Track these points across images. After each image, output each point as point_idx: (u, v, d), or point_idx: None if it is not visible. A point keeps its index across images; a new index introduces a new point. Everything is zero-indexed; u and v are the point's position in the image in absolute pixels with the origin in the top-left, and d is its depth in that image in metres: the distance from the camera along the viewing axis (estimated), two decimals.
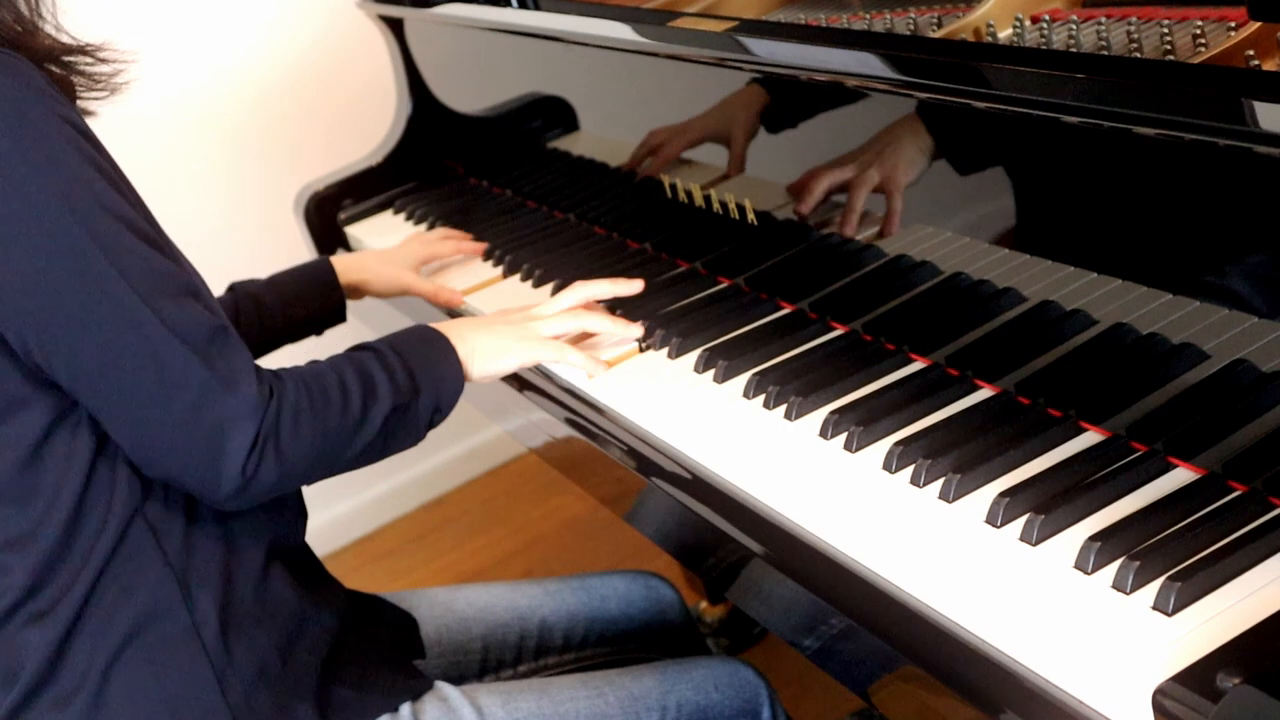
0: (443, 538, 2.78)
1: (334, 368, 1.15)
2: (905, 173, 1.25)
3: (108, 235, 1.02)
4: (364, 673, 1.20)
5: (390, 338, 1.23)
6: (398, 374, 1.17)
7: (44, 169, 1.01)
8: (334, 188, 2.06)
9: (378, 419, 1.15)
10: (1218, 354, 1.00)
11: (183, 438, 1.04)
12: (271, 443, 1.06)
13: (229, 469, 1.05)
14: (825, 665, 1.11)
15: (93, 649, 1.08)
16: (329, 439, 1.11)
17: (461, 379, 1.25)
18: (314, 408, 1.10)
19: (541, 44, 1.69)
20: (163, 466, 1.06)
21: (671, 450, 1.26)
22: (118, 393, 1.03)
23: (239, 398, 1.04)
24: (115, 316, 1.02)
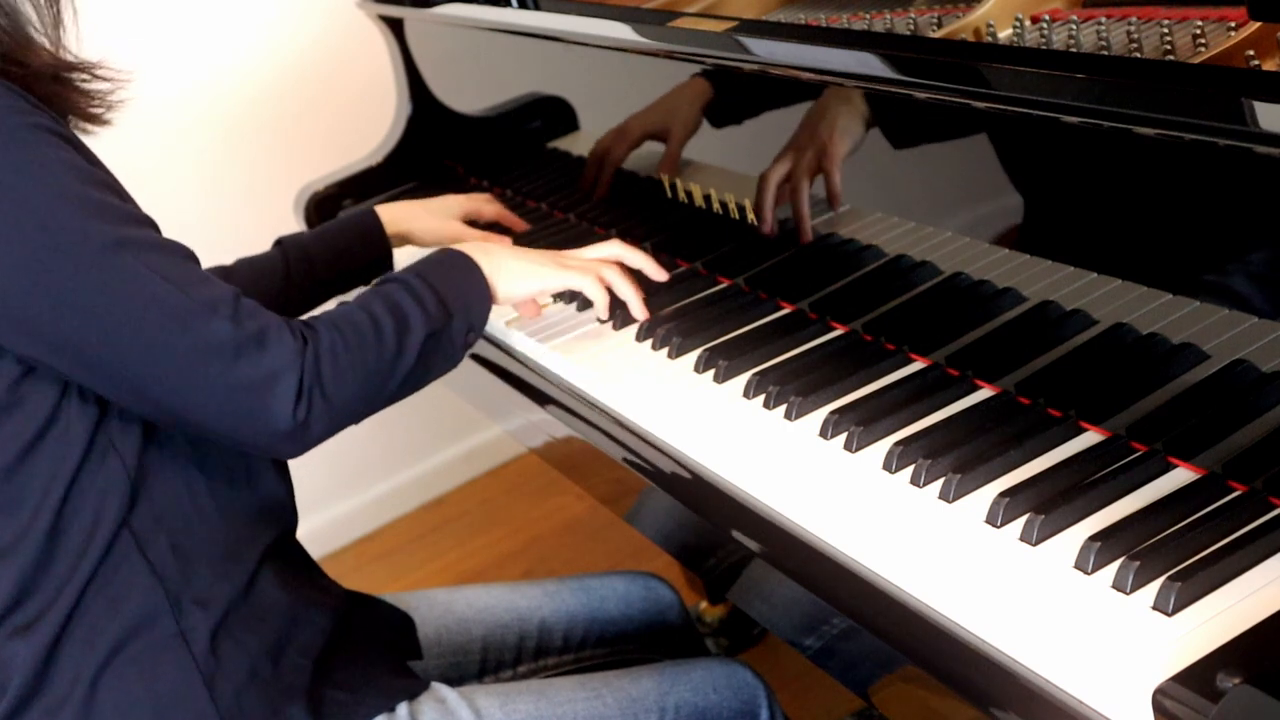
0: (443, 538, 2.78)
1: (362, 305, 1.17)
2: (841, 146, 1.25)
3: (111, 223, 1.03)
4: (358, 673, 1.19)
5: (415, 265, 1.25)
6: (426, 300, 1.19)
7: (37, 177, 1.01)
8: (334, 188, 2.06)
9: (413, 348, 1.17)
10: (1218, 354, 1.00)
11: (230, 393, 1.05)
12: (317, 388, 1.08)
13: (281, 416, 1.06)
14: (825, 665, 1.11)
15: (80, 659, 1.08)
16: (370, 374, 1.13)
17: (489, 297, 1.27)
18: (350, 347, 1.12)
19: (541, 44, 1.69)
20: (217, 431, 1.08)
21: (672, 450, 1.26)
22: (158, 370, 1.04)
23: (275, 352, 1.06)
24: (137, 296, 1.03)
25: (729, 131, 1.48)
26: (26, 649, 1.07)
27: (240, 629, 1.13)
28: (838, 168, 1.27)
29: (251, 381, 1.05)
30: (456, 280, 1.24)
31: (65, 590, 1.08)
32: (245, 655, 1.12)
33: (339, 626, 1.21)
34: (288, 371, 1.07)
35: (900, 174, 1.27)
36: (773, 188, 1.36)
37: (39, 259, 1.01)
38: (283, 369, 1.06)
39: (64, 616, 1.08)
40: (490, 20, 1.74)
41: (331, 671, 1.18)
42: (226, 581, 1.14)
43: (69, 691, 1.08)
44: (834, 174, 1.28)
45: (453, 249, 1.30)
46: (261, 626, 1.14)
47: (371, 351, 1.13)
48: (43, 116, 1.05)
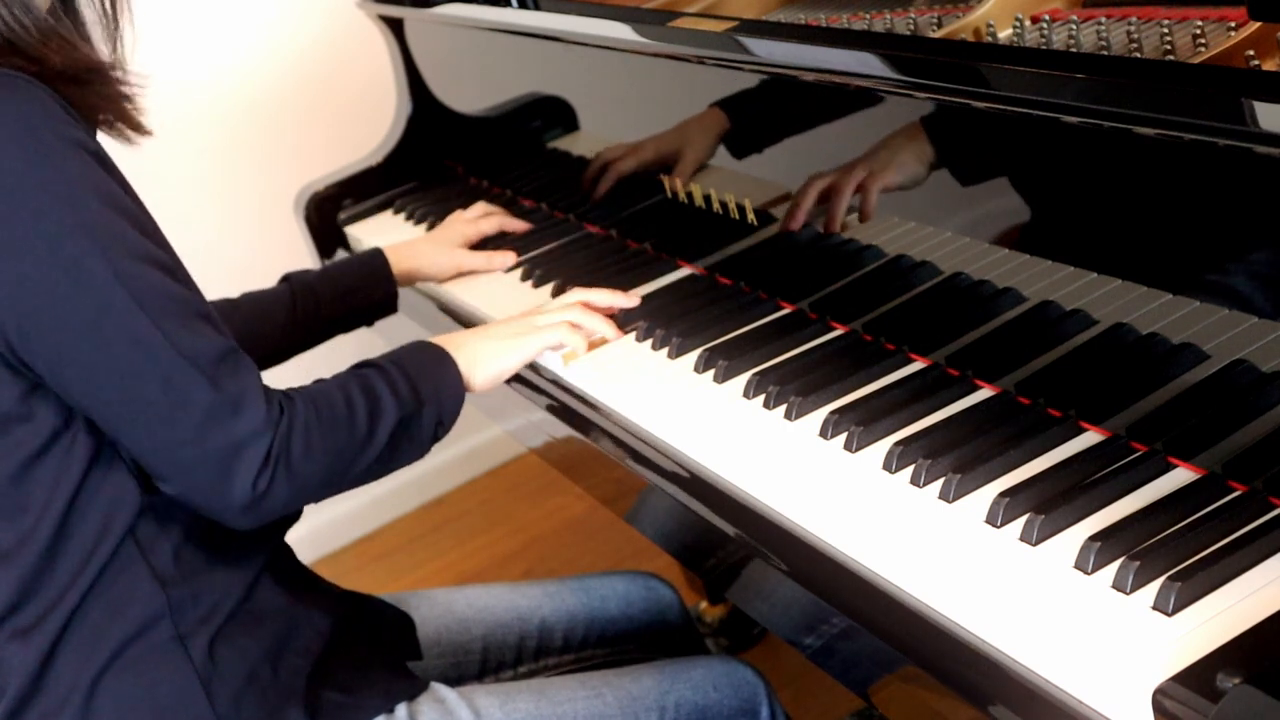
0: (443, 538, 2.78)
1: (339, 385, 1.16)
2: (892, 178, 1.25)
3: (120, 258, 1.02)
4: (357, 675, 1.19)
5: (390, 355, 1.25)
6: (401, 387, 1.18)
7: (56, 191, 1.01)
8: (334, 188, 2.06)
9: (384, 433, 1.15)
10: (1218, 354, 1.00)
11: (193, 458, 1.04)
12: (283, 461, 1.07)
13: (240, 488, 1.05)
14: (825, 665, 1.11)
15: (79, 665, 1.08)
16: (339, 455, 1.12)
17: (462, 389, 1.26)
18: (323, 425, 1.10)
19: (541, 44, 1.69)
20: (176, 485, 1.06)
21: (671, 450, 1.26)
22: (129, 413, 1.04)
23: (248, 418, 1.05)
24: (126, 339, 1.02)
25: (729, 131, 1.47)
26: (25, 652, 1.07)
27: (239, 633, 1.13)
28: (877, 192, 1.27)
29: (217, 451, 1.04)
30: (430, 371, 1.23)
31: (67, 595, 1.08)
32: (244, 659, 1.12)
33: (337, 628, 1.21)
34: (256, 440, 1.05)
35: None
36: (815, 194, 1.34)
37: (41, 284, 1.01)
38: (251, 438, 1.05)
39: (64, 621, 1.08)
40: (490, 20, 1.74)
41: (330, 673, 1.18)
42: (227, 587, 1.14)
43: (67, 695, 1.08)
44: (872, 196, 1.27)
45: (427, 342, 1.28)
46: (260, 630, 1.14)
47: (343, 431, 1.12)
48: (79, 131, 1.05)
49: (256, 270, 1.61)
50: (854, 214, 1.31)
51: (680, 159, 1.53)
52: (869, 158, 1.26)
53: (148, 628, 1.09)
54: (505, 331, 1.34)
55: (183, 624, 1.10)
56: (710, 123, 1.47)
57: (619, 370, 1.38)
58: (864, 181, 1.28)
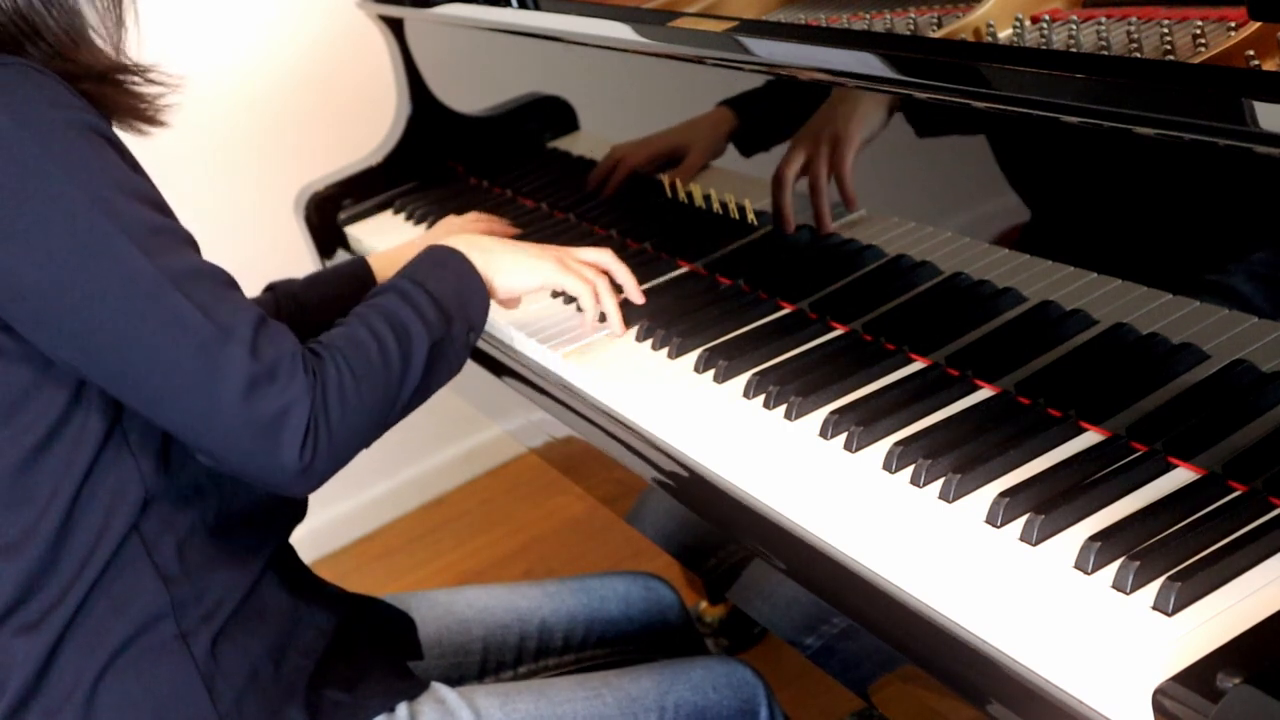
0: (443, 538, 2.78)
1: (365, 324, 1.13)
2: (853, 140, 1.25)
3: (143, 235, 1.02)
4: (357, 675, 1.19)
5: (407, 269, 1.22)
6: (425, 310, 1.16)
7: (75, 176, 1.00)
8: (334, 188, 2.06)
9: (419, 363, 1.14)
10: (1218, 354, 1.00)
11: (238, 431, 1.03)
12: (324, 425, 1.05)
13: (288, 457, 1.03)
14: (825, 665, 1.11)
15: (81, 661, 1.08)
16: (377, 403, 1.10)
17: (487, 294, 1.25)
18: (357, 378, 1.08)
19: (541, 44, 1.69)
20: (224, 461, 1.05)
21: (672, 450, 1.26)
22: (167, 390, 1.02)
23: (288, 385, 1.03)
24: (158, 313, 1.01)
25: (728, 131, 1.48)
26: (30, 647, 1.07)
27: (241, 631, 1.13)
28: (849, 170, 1.27)
29: (262, 418, 1.02)
30: (452, 282, 1.21)
31: (71, 590, 1.07)
32: (246, 657, 1.12)
33: (339, 628, 1.21)
34: (297, 408, 1.03)
35: (900, 174, 1.28)
36: (789, 186, 1.35)
37: (65, 263, 1.00)
38: (291, 405, 1.03)
39: (68, 617, 1.08)
40: (490, 20, 1.74)
41: (331, 672, 1.18)
42: (230, 585, 1.14)
43: (70, 692, 1.08)
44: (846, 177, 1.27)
45: (443, 245, 1.26)
46: (262, 629, 1.14)
47: (379, 377, 1.10)
48: (90, 115, 1.04)
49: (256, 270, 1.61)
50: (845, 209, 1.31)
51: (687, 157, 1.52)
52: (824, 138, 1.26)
53: (150, 625, 1.09)
54: (533, 250, 1.33)
55: (185, 621, 1.10)
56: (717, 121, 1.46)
57: (619, 370, 1.38)
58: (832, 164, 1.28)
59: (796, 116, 1.34)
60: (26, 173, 0.99)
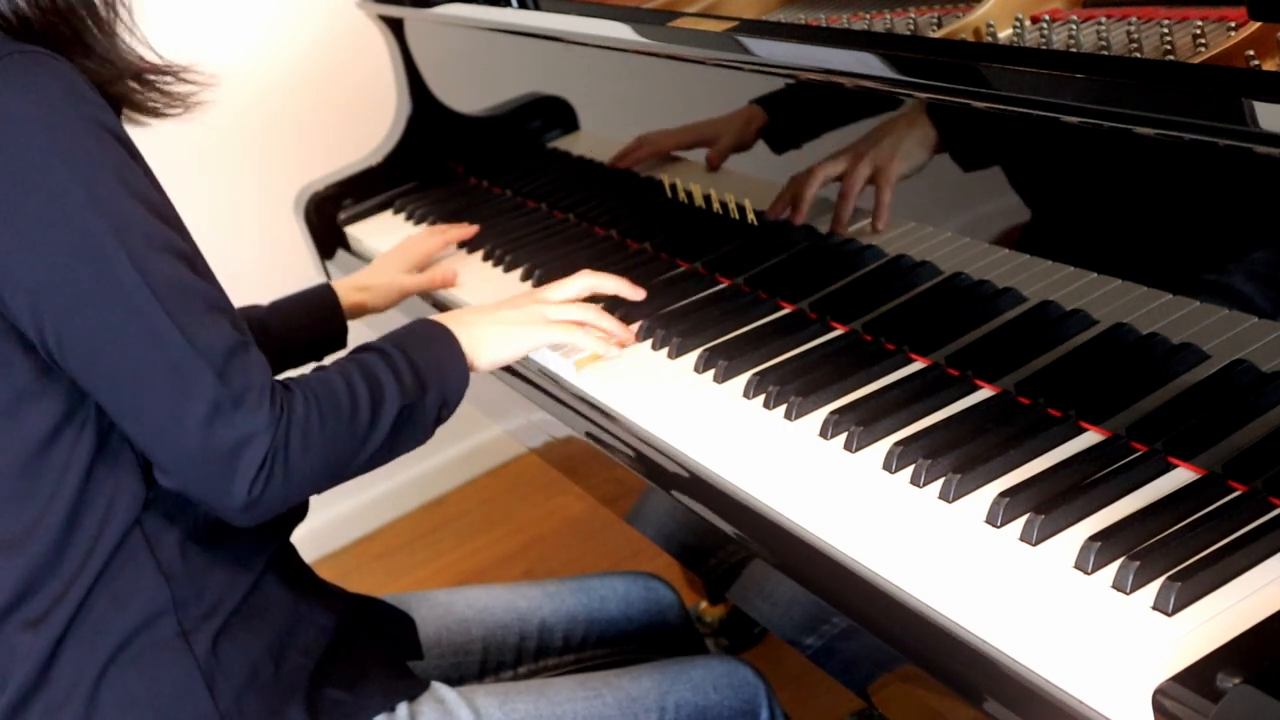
0: (443, 538, 2.78)
1: (341, 373, 1.13)
2: (898, 166, 1.25)
3: (137, 245, 1.02)
4: (358, 674, 1.19)
5: (393, 336, 1.23)
6: (404, 374, 1.16)
7: (79, 173, 1.00)
8: (334, 188, 2.06)
9: (386, 422, 1.14)
10: (1218, 354, 1.00)
11: (195, 453, 1.03)
12: (280, 461, 1.05)
13: (238, 487, 1.04)
14: (826, 665, 1.11)
15: (84, 657, 1.08)
16: (338, 450, 1.10)
17: (466, 372, 1.24)
18: (323, 421, 1.08)
19: (541, 44, 1.69)
20: (175, 478, 1.06)
21: (672, 450, 1.26)
22: (134, 400, 1.03)
23: (251, 416, 1.03)
24: (138, 326, 1.01)
25: None
26: (33, 643, 1.07)
27: (242, 630, 1.13)
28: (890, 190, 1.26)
29: (219, 447, 1.02)
30: (434, 354, 1.21)
31: (73, 587, 1.08)
32: (246, 656, 1.12)
33: (339, 627, 1.21)
34: (257, 440, 1.03)
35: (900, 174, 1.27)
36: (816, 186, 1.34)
37: (55, 262, 1.00)
38: (252, 436, 1.03)
39: (71, 612, 1.08)
40: (490, 20, 1.74)
41: (332, 672, 1.18)
42: (232, 583, 1.14)
43: (72, 689, 1.08)
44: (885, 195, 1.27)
45: (431, 321, 1.26)
46: (263, 627, 1.14)
47: (345, 425, 1.10)
48: (105, 114, 1.05)
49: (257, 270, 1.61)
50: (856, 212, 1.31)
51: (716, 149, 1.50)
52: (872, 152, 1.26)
53: (152, 622, 1.09)
54: (512, 317, 1.32)
55: (186, 619, 1.11)
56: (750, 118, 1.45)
57: (619, 370, 1.38)
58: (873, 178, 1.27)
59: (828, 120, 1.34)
60: (31, 165, 0.99)
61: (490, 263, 1.74)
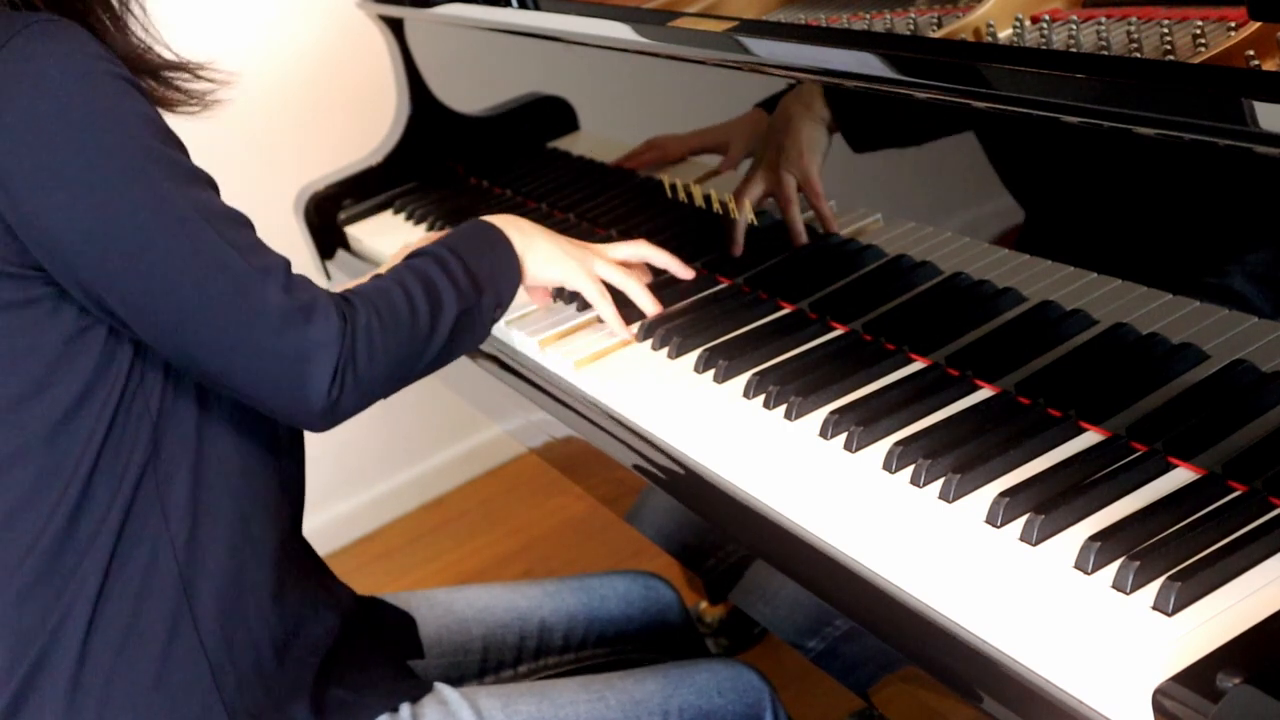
0: (443, 538, 2.78)
1: (399, 281, 1.18)
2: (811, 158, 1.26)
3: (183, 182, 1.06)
4: (361, 673, 1.19)
5: (450, 238, 1.27)
6: (459, 278, 1.21)
7: (122, 126, 1.04)
8: (334, 188, 2.06)
9: (445, 327, 1.18)
10: (1218, 354, 1.00)
11: (269, 365, 1.07)
12: (350, 370, 1.10)
13: (315, 396, 1.08)
14: (828, 667, 1.11)
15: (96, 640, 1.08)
16: (402, 355, 1.15)
17: (519, 274, 1.29)
18: (385, 329, 1.13)
19: (541, 44, 1.69)
20: (252, 394, 1.09)
21: (672, 450, 1.26)
22: (204, 328, 1.06)
23: (319, 326, 1.08)
24: (202, 255, 1.05)
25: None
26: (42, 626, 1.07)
27: (250, 623, 1.13)
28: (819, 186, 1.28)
29: (294, 353, 1.07)
30: (489, 256, 1.25)
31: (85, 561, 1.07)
32: (253, 648, 1.12)
33: (345, 626, 1.21)
34: (328, 348, 1.08)
35: (900, 174, 1.28)
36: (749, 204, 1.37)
37: (110, 204, 1.03)
38: (323, 345, 1.08)
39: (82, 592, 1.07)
40: (490, 20, 1.74)
41: (336, 671, 1.18)
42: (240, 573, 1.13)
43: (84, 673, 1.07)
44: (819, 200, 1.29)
45: (487, 222, 1.31)
46: (272, 620, 1.14)
47: (406, 332, 1.15)
48: (124, 68, 1.08)
49: None
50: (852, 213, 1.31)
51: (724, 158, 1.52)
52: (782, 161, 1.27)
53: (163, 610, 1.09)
54: (568, 247, 1.36)
55: (197, 607, 1.10)
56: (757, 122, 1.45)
57: (619, 370, 1.38)
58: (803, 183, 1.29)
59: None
60: (73, 121, 1.02)
61: None
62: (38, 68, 1.02)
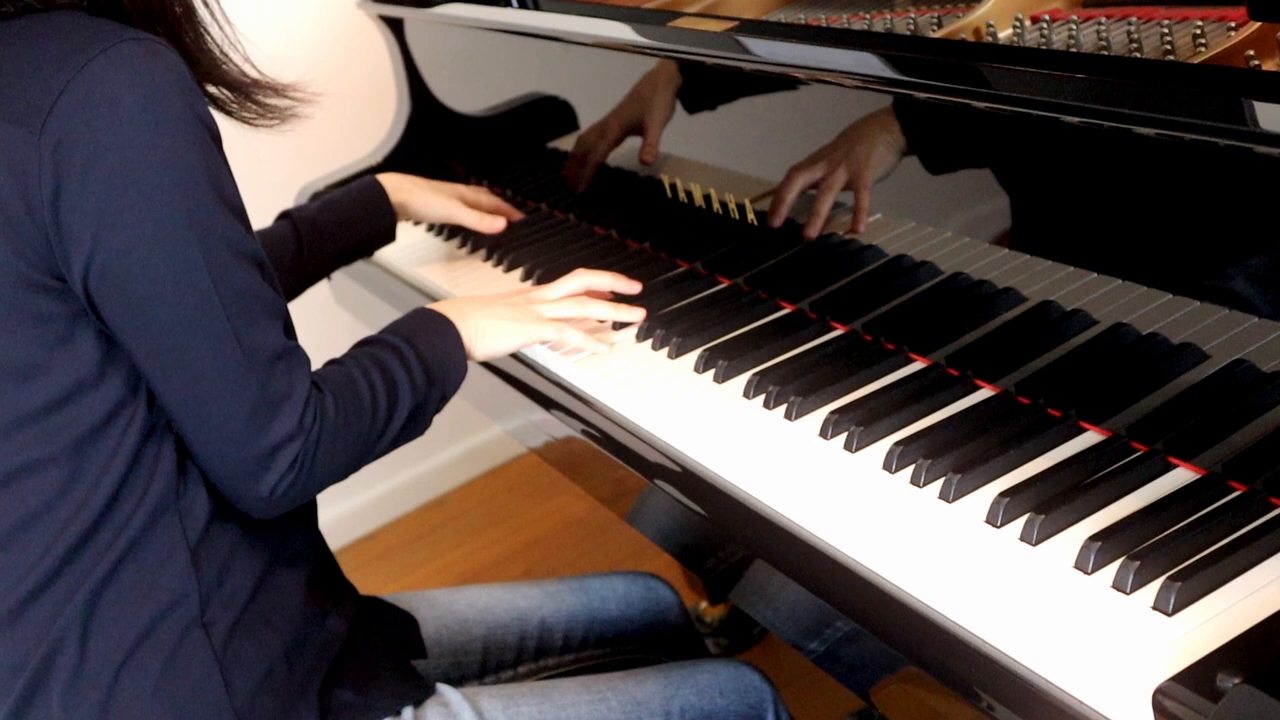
0: (443, 538, 2.78)
1: (364, 374, 1.17)
2: (874, 169, 1.26)
3: (217, 251, 1.05)
4: (366, 676, 1.19)
5: (402, 328, 1.26)
6: (415, 372, 1.20)
7: (175, 175, 1.03)
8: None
9: (399, 423, 1.19)
10: (1218, 354, 1.00)
11: (230, 449, 1.08)
12: (307, 464, 1.10)
13: (264, 485, 1.09)
14: (828, 668, 1.11)
15: (106, 644, 1.08)
16: (357, 449, 1.15)
17: (465, 365, 1.28)
18: (348, 424, 1.13)
19: (541, 44, 1.69)
20: (208, 465, 1.10)
21: (671, 450, 1.26)
22: (184, 391, 1.06)
23: (284, 422, 1.08)
24: (200, 327, 1.05)
25: (728, 131, 1.48)
26: (58, 624, 1.07)
27: (261, 627, 1.13)
28: (868, 190, 1.28)
29: (256, 446, 1.07)
30: (441, 348, 1.25)
31: (99, 566, 1.07)
32: (265, 654, 1.12)
33: (353, 630, 1.21)
34: (289, 445, 1.08)
35: (900, 174, 1.27)
36: (797, 188, 1.35)
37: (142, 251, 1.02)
38: (284, 442, 1.08)
39: (98, 594, 1.07)
40: (490, 20, 1.74)
41: (342, 673, 1.18)
42: (253, 578, 1.13)
43: (94, 674, 1.07)
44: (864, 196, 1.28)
45: (433, 311, 1.29)
46: (284, 625, 1.14)
47: (365, 428, 1.15)
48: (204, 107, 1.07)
49: None
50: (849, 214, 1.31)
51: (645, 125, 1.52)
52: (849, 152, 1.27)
53: (175, 614, 1.09)
54: (508, 312, 1.35)
55: (209, 610, 1.10)
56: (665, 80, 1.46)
57: (619, 370, 1.38)
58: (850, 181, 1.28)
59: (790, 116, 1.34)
60: (132, 160, 1.01)
61: (490, 262, 1.74)
62: (114, 94, 1.00)
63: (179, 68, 1.05)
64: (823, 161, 1.32)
